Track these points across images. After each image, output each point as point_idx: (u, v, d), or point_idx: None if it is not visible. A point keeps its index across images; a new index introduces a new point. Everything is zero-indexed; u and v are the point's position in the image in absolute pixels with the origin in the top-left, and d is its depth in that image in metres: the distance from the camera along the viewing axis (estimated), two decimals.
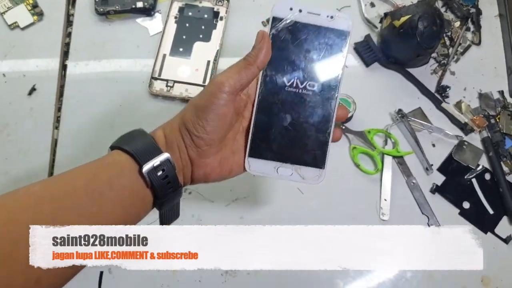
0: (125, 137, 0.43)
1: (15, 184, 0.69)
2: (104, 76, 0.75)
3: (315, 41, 0.45)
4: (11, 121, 0.72)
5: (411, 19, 0.70)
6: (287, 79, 0.45)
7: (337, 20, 0.45)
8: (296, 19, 0.45)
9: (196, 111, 0.42)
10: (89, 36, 0.77)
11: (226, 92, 0.41)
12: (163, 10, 0.79)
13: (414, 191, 0.71)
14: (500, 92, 0.78)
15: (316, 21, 0.45)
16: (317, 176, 0.46)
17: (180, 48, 0.76)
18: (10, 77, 0.74)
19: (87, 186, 0.38)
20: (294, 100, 0.45)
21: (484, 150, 0.74)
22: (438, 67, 0.79)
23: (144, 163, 0.40)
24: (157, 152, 0.40)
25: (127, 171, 0.40)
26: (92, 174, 0.40)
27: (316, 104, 0.45)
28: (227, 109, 0.42)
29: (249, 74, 0.43)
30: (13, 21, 0.76)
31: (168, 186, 0.41)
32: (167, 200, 0.42)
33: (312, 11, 0.45)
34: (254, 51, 0.43)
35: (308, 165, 0.46)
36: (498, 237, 0.70)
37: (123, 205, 0.39)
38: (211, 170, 0.44)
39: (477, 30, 0.82)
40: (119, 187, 0.39)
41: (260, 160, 0.46)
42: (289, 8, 0.45)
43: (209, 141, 0.42)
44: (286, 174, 0.46)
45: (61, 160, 0.71)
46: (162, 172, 0.40)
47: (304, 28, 0.45)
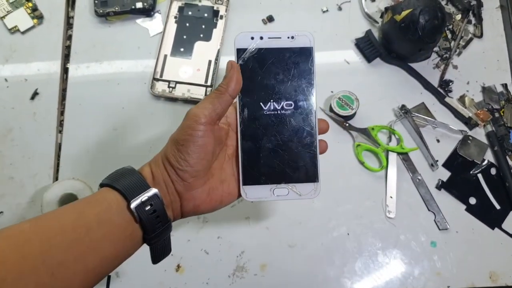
0: (114, 174, 0.43)
1: (21, 189, 0.69)
2: (105, 78, 0.75)
3: (282, 62, 0.46)
4: (15, 126, 0.72)
5: (412, 13, 0.69)
6: (264, 104, 0.46)
7: (298, 39, 0.47)
8: (260, 46, 0.46)
9: (176, 146, 0.43)
10: (90, 38, 0.77)
11: (203, 123, 0.42)
12: (163, 10, 0.79)
13: (420, 188, 0.71)
14: (504, 85, 0.78)
15: (279, 44, 0.47)
16: (313, 191, 0.46)
17: (181, 48, 0.76)
18: (12, 81, 0.74)
19: (75, 223, 0.39)
20: (275, 122, 0.46)
21: (489, 145, 0.74)
22: (441, 61, 0.78)
23: (132, 198, 0.40)
24: (145, 188, 0.41)
25: (115, 206, 0.40)
26: (80, 211, 0.40)
27: (296, 122, 0.46)
28: (206, 139, 0.43)
29: (222, 103, 0.44)
30: (13, 25, 0.76)
31: (156, 220, 0.41)
32: (157, 235, 0.42)
33: (272, 36, 0.47)
34: (225, 80, 0.44)
35: (302, 182, 0.46)
36: (506, 232, 0.70)
37: (111, 240, 0.39)
38: (200, 202, 0.44)
39: (478, 22, 0.82)
40: (107, 222, 0.39)
41: (255, 187, 0.46)
42: (250, 38, 0.46)
43: (194, 173, 0.43)
44: (282, 194, 0.46)
45: (66, 164, 0.71)
46: (150, 207, 0.41)
47: (269, 53, 0.46)
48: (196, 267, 0.67)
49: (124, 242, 0.41)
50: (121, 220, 0.40)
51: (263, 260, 0.67)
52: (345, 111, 0.71)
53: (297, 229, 0.68)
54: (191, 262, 0.67)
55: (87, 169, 0.70)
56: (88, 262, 0.38)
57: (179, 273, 0.66)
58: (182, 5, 0.78)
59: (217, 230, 0.68)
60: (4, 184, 0.70)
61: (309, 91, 0.47)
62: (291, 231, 0.68)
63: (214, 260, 0.67)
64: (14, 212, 0.69)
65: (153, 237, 0.42)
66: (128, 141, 0.72)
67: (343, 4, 0.81)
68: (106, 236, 0.39)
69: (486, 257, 0.68)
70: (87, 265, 0.38)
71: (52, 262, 0.36)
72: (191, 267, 0.67)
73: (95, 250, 0.38)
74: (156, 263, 0.45)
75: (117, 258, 0.41)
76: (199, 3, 0.78)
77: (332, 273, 0.67)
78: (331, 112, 0.73)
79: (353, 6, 0.81)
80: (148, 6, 0.77)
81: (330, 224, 0.69)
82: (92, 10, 0.77)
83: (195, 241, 0.68)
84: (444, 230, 0.69)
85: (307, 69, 0.47)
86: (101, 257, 0.39)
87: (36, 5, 0.77)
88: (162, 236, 0.43)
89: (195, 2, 0.78)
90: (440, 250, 0.68)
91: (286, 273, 0.67)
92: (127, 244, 0.41)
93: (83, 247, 0.38)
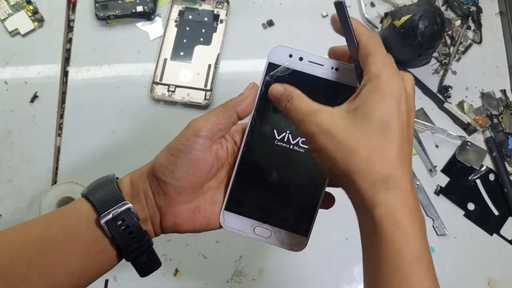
0: (94, 183, 0.40)
1: (19, 192, 0.69)
2: (105, 82, 0.75)
3: (315, 94, 0.38)
4: (14, 129, 0.72)
5: (411, 18, 0.70)
6: (278, 132, 0.41)
7: (342, 72, 0.40)
8: (296, 68, 0.41)
9: (167, 155, 0.39)
10: (90, 41, 0.77)
11: (202, 137, 0.39)
12: (163, 14, 0.79)
13: (418, 193, 0.71)
14: (502, 91, 0.78)
15: (318, 72, 0.41)
16: (297, 244, 0.41)
17: (181, 52, 0.76)
18: (12, 84, 0.74)
19: (41, 235, 0.37)
20: (283, 156, 0.41)
21: (487, 150, 0.74)
22: (440, 66, 0.79)
23: (103, 212, 0.37)
24: (118, 201, 0.38)
25: (84, 220, 0.38)
26: (48, 223, 0.38)
27: (307, 164, 0.41)
28: (201, 154, 0.39)
29: (226, 118, 0.40)
30: (14, 28, 0.76)
31: (130, 237, 0.38)
32: (134, 251, 0.39)
33: (313, 61, 0.41)
34: (239, 97, 0.41)
35: (289, 230, 0.41)
36: (504, 238, 0.70)
37: (79, 255, 0.37)
38: (182, 220, 0.41)
39: (477, 28, 0.82)
40: (74, 236, 0.37)
41: (237, 216, 0.42)
42: (288, 55, 0.41)
43: (178, 188, 0.39)
44: (263, 235, 0.41)
45: (65, 167, 0.71)
46: (121, 222, 0.38)
47: (304, 79, 0.40)
48: (194, 271, 0.66)
49: (95, 257, 0.38)
50: (90, 235, 0.38)
51: (261, 265, 0.67)
52: None
53: None
54: (189, 267, 0.67)
55: (86, 173, 0.70)
56: (53, 276, 0.36)
57: (177, 277, 0.66)
58: (183, 9, 0.78)
59: (216, 235, 0.67)
60: (3, 187, 0.70)
61: None
62: None
63: (212, 265, 0.67)
64: (13, 215, 0.69)
65: (130, 253, 0.39)
66: (128, 145, 0.72)
67: None
68: (73, 251, 0.37)
69: (485, 263, 0.68)
70: (52, 279, 0.36)
71: (13, 275, 0.34)
72: (189, 271, 0.66)
73: (61, 264, 0.36)
74: (144, 276, 0.42)
75: (87, 273, 0.38)
76: (199, 7, 0.78)
77: (331, 278, 0.67)
78: None
79: (353, 11, 0.81)
80: (149, 9, 0.77)
81: (329, 229, 0.69)
82: (92, 13, 0.77)
83: (193, 246, 0.68)
84: (442, 236, 0.69)
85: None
86: (67, 272, 0.37)
87: (37, 8, 0.77)
88: (142, 252, 0.40)
89: (195, 6, 0.78)
90: (438, 256, 0.68)
91: (284, 278, 0.67)
92: (99, 260, 0.39)
93: (47, 260, 0.36)
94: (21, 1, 0.77)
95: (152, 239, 0.41)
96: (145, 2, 0.77)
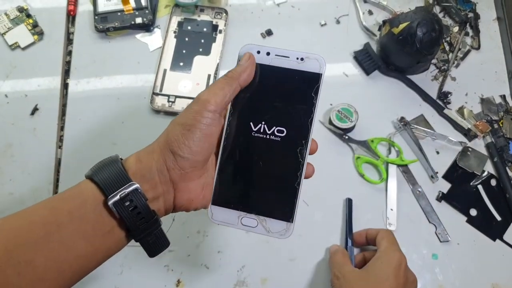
0: (98, 164, 0.40)
1: (20, 205, 0.69)
2: (105, 93, 0.76)
3: (284, 85, 0.43)
4: (15, 141, 0.72)
5: (409, 25, 0.70)
6: (254, 124, 0.43)
7: (307, 61, 0.43)
8: (264, 62, 0.43)
9: (182, 130, 0.40)
10: (90, 53, 0.78)
11: (212, 111, 0.40)
12: (162, 25, 0.79)
13: (420, 200, 0.70)
14: (502, 97, 0.78)
15: (285, 64, 0.43)
16: (284, 230, 0.42)
17: (181, 62, 0.76)
18: (12, 97, 0.74)
19: (45, 219, 0.36)
20: (261, 147, 0.43)
21: (488, 156, 0.74)
22: (439, 73, 0.79)
23: (110, 193, 0.37)
24: (125, 181, 0.38)
25: (90, 201, 0.38)
26: (52, 206, 0.38)
27: (284, 152, 0.42)
28: (213, 128, 0.41)
29: (231, 90, 0.41)
30: (14, 41, 0.76)
31: (138, 217, 0.38)
32: (142, 231, 0.39)
33: (280, 54, 0.43)
34: (238, 68, 0.42)
35: (274, 217, 0.43)
36: (507, 244, 0.69)
37: (86, 238, 0.37)
38: (194, 196, 0.42)
39: (476, 34, 0.82)
40: (80, 218, 0.37)
41: (223, 209, 0.43)
42: (256, 51, 0.44)
43: (194, 162, 0.40)
44: (250, 225, 0.43)
45: (65, 179, 0.71)
46: (129, 203, 0.38)
47: (273, 72, 0.43)
48: (197, 282, 0.66)
49: (103, 239, 0.38)
50: (97, 216, 0.38)
51: (264, 274, 0.67)
52: (345, 124, 0.71)
53: (297, 242, 0.68)
54: (192, 277, 0.66)
55: None
56: (60, 260, 0.36)
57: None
58: (182, 20, 0.79)
59: (217, 245, 0.68)
60: (3, 200, 0.69)
61: (306, 121, 0.42)
62: (291, 245, 0.68)
63: (214, 275, 0.66)
64: None
65: (139, 234, 0.39)
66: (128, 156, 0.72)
67: (341, 17, 0.82)
68: (79, 233, 0.37)
69: (488, 269, 0.68)
70: (60, 263, 0.36)
71: (18, 260, 0.34)
72: (191, 282, 0.66)
73: (67, 247, 0.36)
74: (153, 256, 0.42)
75: (95, 256, 0.38)
76: (198, 18, 0.79)
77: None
78: (330, 125, 0.73)
79: (351, 20, 0.82)
80: (148, 21, 0.77)
81: (330, 237, 0.69)
82: (92, 25, 0.78)
83: (195, 256, 0.67)
84: (445, 242, 0.68)
85: (309, 97, 0.42)
86: (75, 255, 0.36)
87: (37, 21, 0.78)
88: (150, 232, 0.40)
89: (194, 17, 0.79)
90: (441, 262, 0.68)
91: (287, 287, 0.66)
92: (108, 241, 0.39)
93: (53, 244, 0.35)
94: (21, 15, 0.78)
95: (161, 219, 0.42)
96: (144, 14, 0.77)
